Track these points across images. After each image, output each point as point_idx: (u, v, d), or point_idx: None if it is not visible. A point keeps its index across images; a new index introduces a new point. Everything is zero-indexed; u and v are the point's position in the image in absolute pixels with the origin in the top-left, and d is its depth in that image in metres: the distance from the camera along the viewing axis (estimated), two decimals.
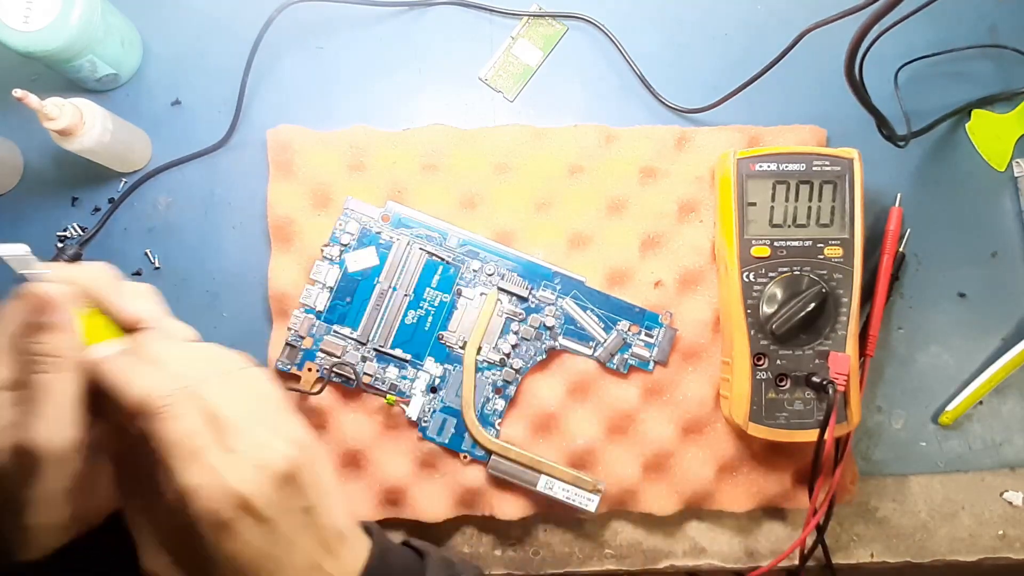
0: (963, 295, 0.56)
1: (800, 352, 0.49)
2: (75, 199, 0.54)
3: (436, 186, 0.53)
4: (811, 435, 0.48)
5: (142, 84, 0.55)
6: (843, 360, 0.48)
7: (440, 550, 0.38)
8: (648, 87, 0.56)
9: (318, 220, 0.53)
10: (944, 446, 0.55)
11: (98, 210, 0.54)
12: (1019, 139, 0.56)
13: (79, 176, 0.54)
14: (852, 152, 0.50)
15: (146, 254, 0.54)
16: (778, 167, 0.49)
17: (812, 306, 0.47)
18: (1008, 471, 0.55)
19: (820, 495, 0.49)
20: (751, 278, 0.49)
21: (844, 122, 0.55)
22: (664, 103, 0.56)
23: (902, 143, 0.52)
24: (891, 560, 0.54)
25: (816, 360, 0.49)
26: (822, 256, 0.49)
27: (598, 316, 0.52)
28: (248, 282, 0.54)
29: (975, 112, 0.57)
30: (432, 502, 0.51)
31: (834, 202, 0.49)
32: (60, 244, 0.53)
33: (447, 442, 0.51)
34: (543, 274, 0.52)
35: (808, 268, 0.49)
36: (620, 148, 0.54)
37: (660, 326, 0.52)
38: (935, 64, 0.57)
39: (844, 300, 0.49)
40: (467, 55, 0.56)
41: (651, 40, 0.57)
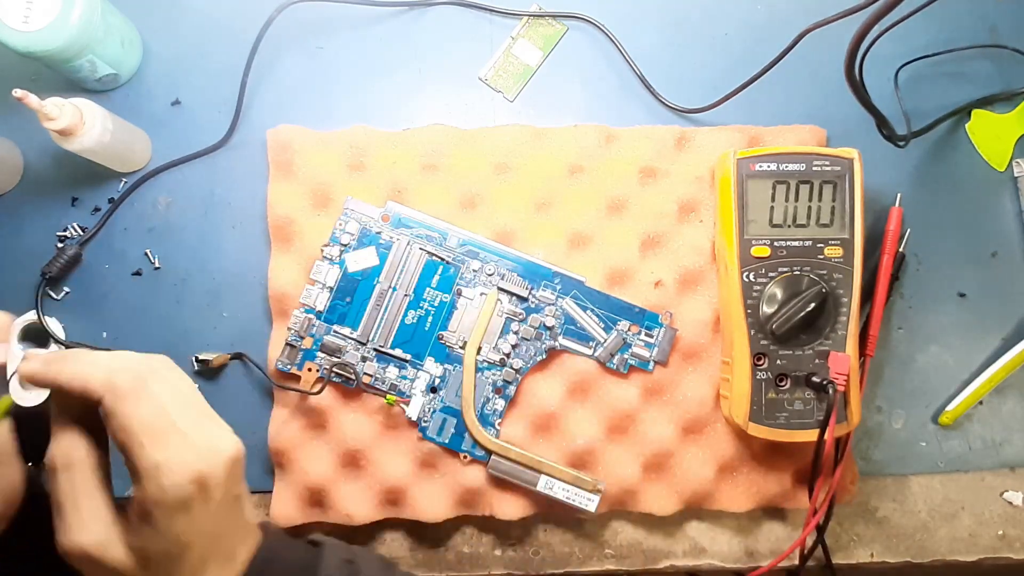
0: (963, 295, 0.56)
1: (800, 352, 0.49)
2: (75, 199, 0.54)
3: (436, 186, 0.53)
4: (811, 435, 0.48)
5: (142, 84, 0.55)
6: (843, 360, 0.48)
7: (344, 544, 0.38)
8: (648, 87, 0.56)
9: (318, 220, 0.53)
10: (944, 446, 0.55)
11: (98, 210, 0.54)
12: (1019, 139, 0.56)
13: (79, 176, 0.54)
14: (852, 152, 0.50)
15: (146, 254, 0.54)
16: (778, 167, 0.49)
17: (812, 306, 0.47)
18: (1008, 471, 0.55)
19: (820, 495, 0.49)
20: (751, 278, 0.49)
21: (844, 122, 0.55)
22: (664, 103, 0.56)
23: (902, 143, 0.52)
24: (891, 560, 0.54)
25: (816, 360, 0.49)
26: (822, 256, 0.49)
27: (598, 316, 0.52)
28: (248, 282, 0.54)
29: (975, 112, 0.57)
30: (432, 502, 0.51)
31: (834, 202, 0.49)
32: (60, 244, 0.53)
33: (447, 442, 0.51)
34: (543, 274, 0.52)
35: (808, 268, 0.49)
36: (620, 148, 0.54)
37: (660, 326, 0.52)
38: (935, 64, 0.57)
39: (844, 300, 0.49)
40: (467, 55, 0.56)
41: (651, 40, 0.57)
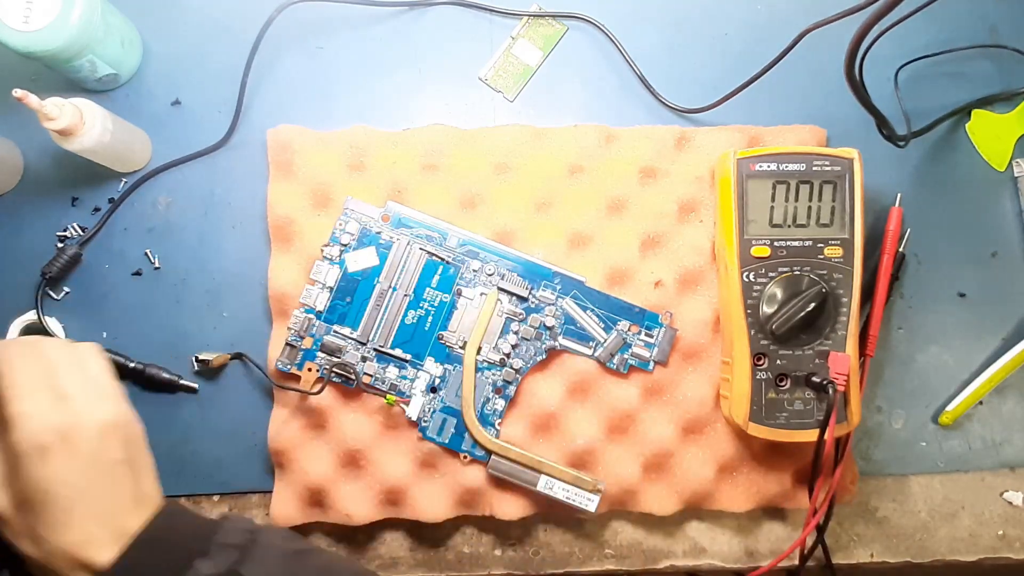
0: (963, 295, 0.56)
1: (800, 352, 0.49)
2: (75, 199, 0.54)
3: (436, 186, 0.53)
4: (811, 435, 0.48)
5: (142, 84, 0.55)
6: (843, 360, 0.48)
7: (251, 519, 0.39)
8: (648, 87, 0.56)
9: (318, 220, 0.53)
10: (944, 446, 0.55)
11: (98, 210, 0.54)
12: (1019, 139, 0.56)
13: (79, 176, 0.54)
14: (852, 152, 0.50)
15: (146, 254, 0.54)
16: (778, 167, 0.49)
17: (812, 306, 0.47)
18: (1008, 471, 0.55)
19: (820, 495, 0.49)
20: (751, 278, 0.49)
21: (844, 122, 0.55)
22: (664, 103, 0.56)
23: (902, 143, 0.52)
24: (891, 560, 0.54)
25: (816, 360, 0.49)
26: (822, 256, 0.49)
27: (598, 316, 0.52)
28: (248, 282, 0.54)
29: (975, 112, 0.57)
30: (432, 502, 0.51)
31: (834, 202, 0.49)
32: (60, 244, 0.53)
33: (447, 442, 0.51)
34: (543, 274, 0.52)
35: (808, 268, 0.49)
36: (620, 148, 0.54)
37: (660, 326, 0.52)
38: (935, 64, 0.57)
39: (844, 300, 0.49)
40: (467, 55, 0.56)
41: (651, 40, 0.57)
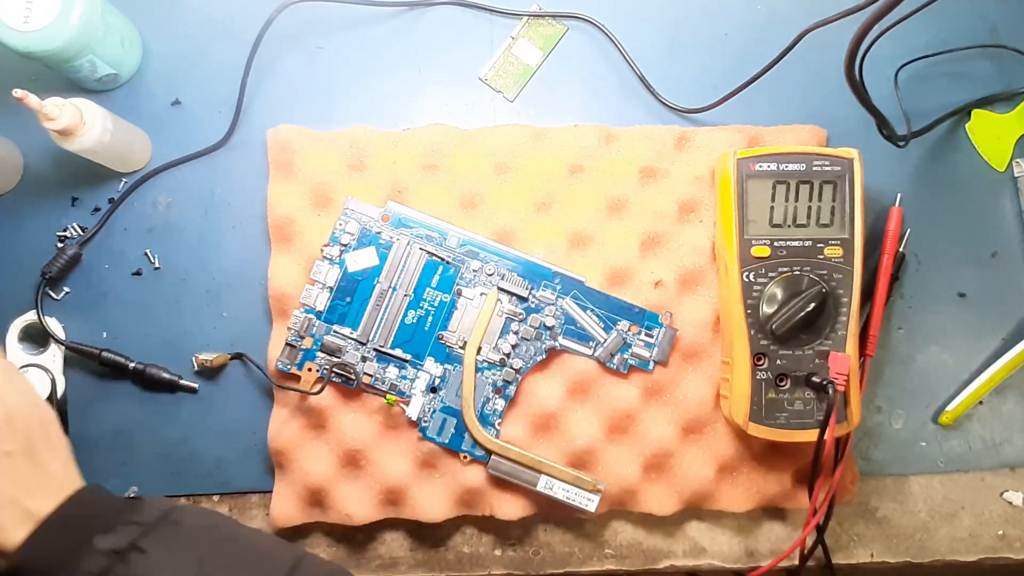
0: (963, 295, 0.56)
1: (800, 352, 0.49)
2: (75, 199, 0.54)
3: (436, 186, 0.53)
4: (811, 435, 0.48)
5: (142, 84, 0.55)
6: (843, 360, 0.48)
7: (169, 499, 0.39)
8: (648, 87, 0.56)
9: (318, 220, 0.53)
10: (944, 446, 0.55)
11: (98, 210, 0.54)
12: (1019, 139, 0.56)
13: (79, 176, 0.54)
14: (852, 152, 0.50)
15: (146, 254, 0.54)
16: (778, 167, 0.49)
17: (812, 306, 0.47)
18: (1008, 471, 0.55)
19: (820, 495, 0.49)
20: (751, 278, 0.49)
21: (844, 122, 0.55)
22: (664, 103, 0.56)
23: (902, 143, 0.52)
24: (891, 560, 0.54)
25: (816, 360, 0.49)
26: (822, 256, 0.49)
27: (598, 316, 0.52)
28: (248, 282, 0.54)
29: (975, 112, 0.57)
30: (432, 502, 0.51)
31: (834, 202, 0.49)
32: (60, 244, 0.53)
33: (447, 442, 0.51)
34: (543, 274, 0.52)
35: (808, 268, 0.49)
36: (620, 148, 0.54)
37: (660, 326, 0.52)
38: (935, 64, 0.57)
39: (844, 300, 0.49)
40: (467, 55, 0.56)
41: (651, 40, 0.57)
